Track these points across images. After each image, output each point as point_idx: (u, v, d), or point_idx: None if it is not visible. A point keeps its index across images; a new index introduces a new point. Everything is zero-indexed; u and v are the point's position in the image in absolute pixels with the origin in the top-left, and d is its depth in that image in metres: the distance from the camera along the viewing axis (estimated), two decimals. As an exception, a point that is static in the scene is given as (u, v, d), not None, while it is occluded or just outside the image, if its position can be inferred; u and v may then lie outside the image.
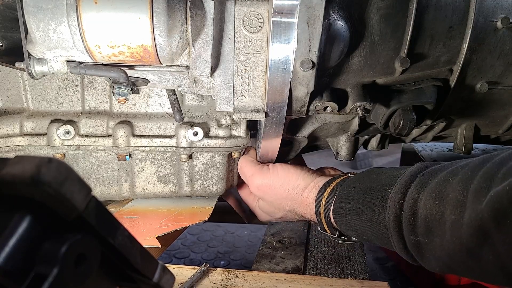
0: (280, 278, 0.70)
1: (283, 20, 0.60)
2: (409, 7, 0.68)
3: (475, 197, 0.47)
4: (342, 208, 0.72)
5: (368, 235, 0.68)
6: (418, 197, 0.56)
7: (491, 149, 1.32)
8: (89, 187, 0.28)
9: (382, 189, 0.64)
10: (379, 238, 0.65)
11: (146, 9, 0.57)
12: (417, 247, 0.56)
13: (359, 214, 0.67)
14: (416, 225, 0.55)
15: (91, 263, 0.28)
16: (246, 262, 1.53)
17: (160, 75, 0.70)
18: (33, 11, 0.57)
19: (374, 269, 1.45)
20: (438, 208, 0.52)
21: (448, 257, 0.51)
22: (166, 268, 0.36)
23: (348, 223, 0.71)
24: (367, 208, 0.66)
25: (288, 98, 0.67)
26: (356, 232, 0.71)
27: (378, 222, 0.63)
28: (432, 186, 0.55)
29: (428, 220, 0.53)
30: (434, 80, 0.77)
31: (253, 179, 0.88)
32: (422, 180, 0.57)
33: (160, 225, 0.80)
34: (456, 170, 0.54)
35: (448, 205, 0.51)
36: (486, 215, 0.44)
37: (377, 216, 0.63)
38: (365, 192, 0.68)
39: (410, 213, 0.56)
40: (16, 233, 0.26)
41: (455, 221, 0.49)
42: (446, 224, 0.50)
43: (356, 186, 0.71)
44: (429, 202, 0.54)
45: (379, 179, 0.67)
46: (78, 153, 0.85)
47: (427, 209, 0.54)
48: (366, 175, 0.73)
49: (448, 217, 0.50)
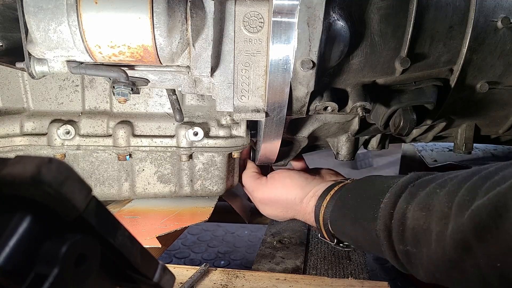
0: (280, 278, 0.70)
1: (283, 20, 0.60)
2: (409, 7, 0.68)
3: (459, 209, 0.48)
4: (338, 216, 0.74)
5: (361, 243, 0.69)
6: (407, 208, 0.57)
7: (491, 149, 1.32)
8: (89, 187, 0.28)
9: (374, 197, 0.65)
10: (371, 245, 0.66)
11: (146, 9, 0.57)
12: (406, 256, 0.57)
13: (353, 222, 0.69)
14: (405, 235, 0.56)
15: (91, 263, 0.28)
16: (246, 262, 1.54)
17: (160, 75, 0.70)
18: (33, 11, 0.57)
19: (374, 269, 1.45)
20: (425, 219, 0.53)
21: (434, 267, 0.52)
22: (167, 268, 0.36)
23: (343, 230, 0.73)
24: (360, 216, 0.67)
25: (288, 98, 0.67)
26: (351, 239, 0.73)
27: (370, 230, 0.64)
28: (421, 197, 0.56)
29: (415, 230, 0.54)
30: (435, 80, 0.77)
31: (254, 194, 0.91)
32: (412, 191, 0.59)
33: (161, 225, 0.80)
34: (445, 182, 0.55)
35: (434, 217, 0.52)
36: (467, 228, 0.45)
37: (369, 224, 0.64)
38: (359, 200, 0.69)
39: (399, 223, 0.57)
40: (16, 233, 0.25)
41: (439, 232, 0.50)
42: (432, 235, 0.51)
43: (352, 194, 0.73)
44: (417, 213, 0.55)
45: (373, 188, 0.69)
46: (79, 153, 0.85)
47: (415, 219, 0.55)
48: (362, 183, 0.75)
49: (434, 228, 0.51)
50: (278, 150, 0.82)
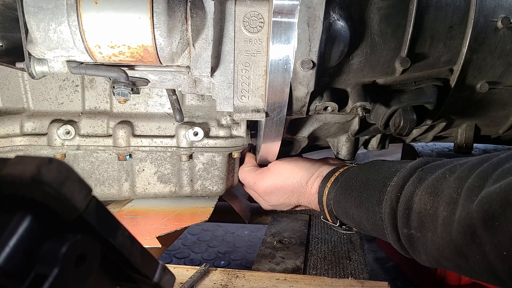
0: (280, 278, 0.70)
1: (283, 20, 0.60)
2: (410, 7, 0.68)
3: (468, 195, 0.47)
4: (342, 197, 0.73)
5: (364, 225, 0.69)
6: (415, 192, 0.57)
7: (492, 149, 1.32)
8: (89, 187, 0.28)
9: (381, 181, 0.65)
10: (374, 228, 0.66)
11: (146, 9, 0.57)
12: (409, 240, 0.57)
13: (358, 204, 0.68)
14: (410, 218, 0.56)
15: (91, 263, 0.28)
16: (246, 262, 1.54)
17: (160, 75, 0.70)
18: (34, 11, 0.57)
19: (374, 269, 1.45)
20: (432, 203, 0.53)
21: (438, 252, 0.52)
22: (167, 268, 0.36)
23: (347, 212, 0.72)
24: (365, 198, 0.67)
25: (288, 98, 0.67)
26: (354, 222, 0.72)
27: (374, 213, 0.64)
28: (429, 182, 0.55)
29: (422, 214, 0.54)
30: (435, 80, 0.77)
31: (256, 186, 0.89)
32: (421, 175, 0.58)
33: (161, 225, 0.80)
34: (455, 167, 0.54)
35: (442, 202, 0.51)
36: (475, 215, 0.44)
37: (374, 207, 0.64)
38: (365, 183, 0.69)
39: (405, 207, 0.57)
40: (17, 233, 0.25)
41: (446, 217, 0.50)
42: (438, 220, 0.51)
43: (358, 177, 0.72)
44: (424, 197, 0.54)
45: (380, 171, 0.68)
46: (79, 153, 0.85)
47: (422, 204, 0.54)
48: (369, 166, 0.74)
49: (441, 213, 0.51)
50: (278, 150, 0.82)
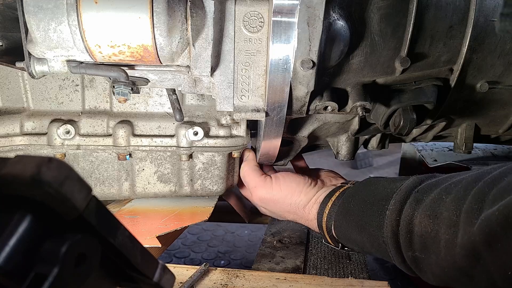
0: (280, 278, 0.70)
1: (283, 19, 0.60)
2: (410, 7, 0.68)
3: (467, 218, 0.49)
4: (342, 223, 0.75)
5: (368, 248, 0.70)
6: (413, 215, 0.58)
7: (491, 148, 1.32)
8: (89, 187, 0.28)
9: (379, 204, 0.66)
10: (378, 251, 0.67)
11: (146, 9, 0.57)
12: (414, 262, 0.58)
13: (359, 229, 0.69)
14: (413, 242, 0.57)
15: (91, 263, 0.28)
16: (246, 261, 1.54)
17: (160, 74, 0.70)
18: (33, 11, 0.57)
19: (374, 269, 1.45)
20: (433, 226, 0.54)
21: (443, 273, 0.54)
22: (166, 267, 0.36)
23: (349, 237, 0.74)
24: (365, 223, 0.68)
25: (288, 97, 0.67)
26: (357, 246, 0.74)
27: (376, 237, 0.65)
28: (426, 204, 0.57)
29: (423, 238, 0.55)
30: (435, 79, 0.77)
31: (256, 191, 0.90)
32: (417, 197, 0.59)
33: (161, 225, 0.80)
34: (450, 187, 0.55)
35: (442, 224, 0.53)
36: (477, 238, 0.46)
37: (376, 231, 0.65)
38: (363, 206, 0.70)
39: (406, 231, 0.58)
40: (16, 233, 0.25)
41: (449, 240, 0.51)
42: (440, 242, 0.53)
43: (355, 200, 0.73)
44: (424, 220, 0.56)
45: (376, 193, 0.69)
46: (79, 153, 0.85)
47: (422, 227, 0.56)
48: (364, 186, 0.75)
49: (443, 236, 0.52)
50: (278, 149, 0.82)
